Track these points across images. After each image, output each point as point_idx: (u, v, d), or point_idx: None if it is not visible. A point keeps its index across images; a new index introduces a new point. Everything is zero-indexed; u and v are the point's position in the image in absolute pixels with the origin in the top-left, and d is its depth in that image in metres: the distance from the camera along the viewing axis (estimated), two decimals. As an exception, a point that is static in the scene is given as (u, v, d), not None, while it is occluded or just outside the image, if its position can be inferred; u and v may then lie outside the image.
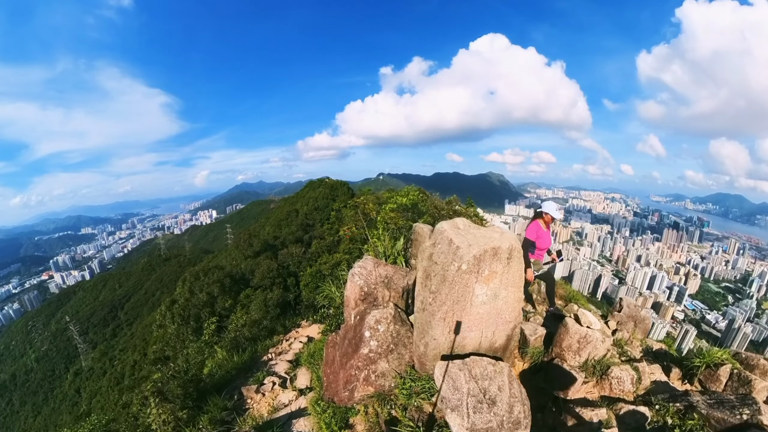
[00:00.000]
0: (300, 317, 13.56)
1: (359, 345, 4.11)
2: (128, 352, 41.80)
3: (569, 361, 4.46)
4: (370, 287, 4.61)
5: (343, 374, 4.17)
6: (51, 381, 59.57)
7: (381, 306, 4.47)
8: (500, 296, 3.70)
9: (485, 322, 3.75)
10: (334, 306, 6.48)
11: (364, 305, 4.53)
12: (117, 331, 64.02)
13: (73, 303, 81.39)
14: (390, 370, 4.05)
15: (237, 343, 9.28)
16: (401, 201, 8.47)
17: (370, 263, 4.94)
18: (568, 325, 4.57)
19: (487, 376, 3.24)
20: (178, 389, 5.45)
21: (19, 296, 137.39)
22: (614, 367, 4.37)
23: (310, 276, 21.42)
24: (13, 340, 76.67)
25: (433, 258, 3.70)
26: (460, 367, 3.30)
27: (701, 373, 4.69)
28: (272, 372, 6.71)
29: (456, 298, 3.56)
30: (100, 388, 40.43)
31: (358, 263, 4.99)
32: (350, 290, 4.74)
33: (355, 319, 4.41)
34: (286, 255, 32.12)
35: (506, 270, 3.63)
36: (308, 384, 5.73)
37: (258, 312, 17.36)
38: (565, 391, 4.19)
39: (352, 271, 4.84)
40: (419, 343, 3.91)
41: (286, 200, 74.47)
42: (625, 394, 4.23)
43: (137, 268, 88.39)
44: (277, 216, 52.49)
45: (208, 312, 22.53)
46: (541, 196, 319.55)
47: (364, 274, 4.76)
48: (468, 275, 3.48)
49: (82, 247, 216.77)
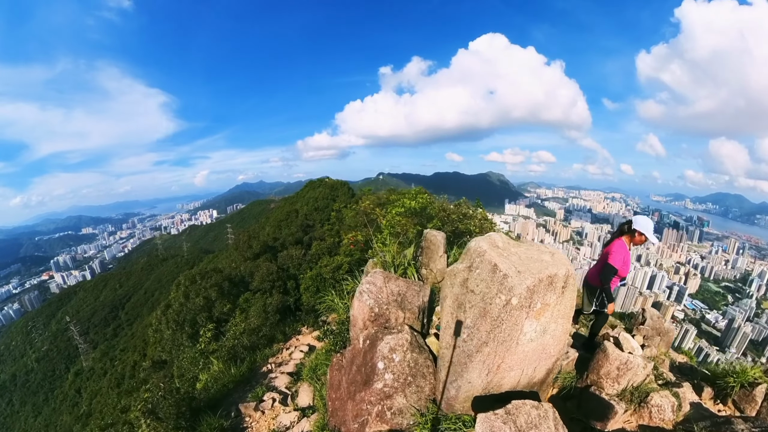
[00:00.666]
0: (300, 323, 13.24)
1: (371, 377, 3.67)
2: (129, 352, 41.81)
3: (607, 389, 4.07)
4: (381, 307, 4.15)
5: (352, 406, 3.76)
6: (51, 381, 59.54)
7: (394, 329, 3.98)
8: (549, 331, 3.21)
9: (529, 360, 3.28)
10: (337, 321, 5.99)
11: (374, 327, 4.10)
12: (118, 331, 64.01)
13: (73, 303, 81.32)
14: (408, 407, 3.55)
15: (234, 353, 8.91)
16: (410, 204, 7.89)
17: (380, 278, 4.47)
18: (608, 350, 4.14)
19: (533, 425, 2.79)
20: (170, 408, 5.21)
21: (20, 296, 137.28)
22: (653, 393, 4.03)
23: (311, 279, 21.26)
24: (13, 341, 76.60)
25: (468, 285, 3.11)
26: (504, 420, 2.79)
27: (735, 393, 4.46)
28: (272, 387, 6.43)
29: (501, 338, 2.99)
30: (101, 388, 40.43)
31: (367, 279, 4.50)
32: (358, 310, 4.27)
33: (364, 343, 4.02)
34: (285, 257, 31.52)
35: (559, 301, 3.11)
36: (311, 402, 5.47)
37: (257, 318, 16.88)
38: (603, 423, 3.85)
39: (360, 288, 4.36)
40: (449, 386, 3.38)
41: (286, 200, 74.41)
42: (665, 423, 3.92)
43: (137, 268, 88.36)
44: (277, 216, 52.37)
45: (205, 317, 22.03)
46: (541, 195, 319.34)
47: (374, 292, 4.25)
48: (518, 311, 2.91)
49: (83, 247, 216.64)
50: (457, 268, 3.34)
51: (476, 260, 3.16)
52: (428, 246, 5.73)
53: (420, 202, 8.19)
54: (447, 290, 3.42)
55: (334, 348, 5.66)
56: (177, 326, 22.47)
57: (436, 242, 5.65)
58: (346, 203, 38.17)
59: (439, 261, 5.73)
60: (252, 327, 12.65)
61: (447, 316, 3.40)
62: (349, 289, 6.50)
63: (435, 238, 5.69)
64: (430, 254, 5.68)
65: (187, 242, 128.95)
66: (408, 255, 5.94)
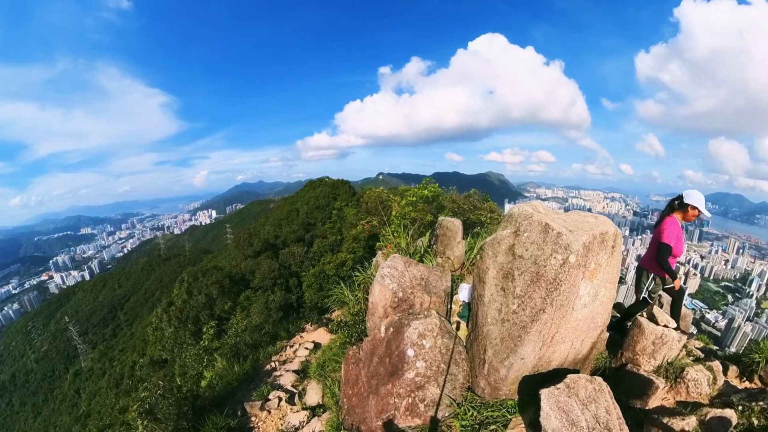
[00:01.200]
0: (304, 320, 13.06)
1: (400, 367, 3.38)
2: (128, 353, 41.60)
3: (643, 365, 3.96)
4: (405, 292, 3.87)
5: (375, 401, 3.44)
6: (51, 382, 59.30)
7: (420, 314, 3.69)
8: (599, 296, 3.08)
9: (580, 330, 3.12)
10: (351, 313, 5.72)
11: (398, 314, 3.80)
12: (117, 332, 63.72)
13: (72, 303, 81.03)
14: (442, 396, 3.30)
15: (237, 350, 8.77)
16: (422, 193, 7.76)
17: (400, 263, 4.27)
18: (642, 325, 4.02)
19: (592, 399, 2.67)
20: (170, 408, 4.98)
21: (19, 297, 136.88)
22: (689, 368, 3.97)
23: (314, 276, 21.19)
24: (12, 341, 76.32)
25: (516, 251, 2.97)
26: (567, 393, 2.66)
27: (762, 369, 4.40)
28: (277, 385, 6.22)
29: (559, 302, 2.80)
30: (100, 388, 40.22)
31: (387, 263, 4.26)
32: (379, 295, 3.97)
33: (387, 331, 3.70)
34: (287, 255, 31.40)
35: (609, 262, 3.00)
36: (320, 401, 5.24)
37: (259, 316, 16.70)
38: (643, 401, 3.71)
39: (382, 272, 4.12)
40: (499, 365, 3.16)
41: (285, 200, 74.16)
42: (702, 398, 3.89)
43: (136, 268, 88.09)
44: (278, 215, 52.19)
45: (207, 314, 21.95)
46: (541, 195, 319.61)
47: (396, 276, 4.01)
48: (576, 270, 2.74)
49: (82, 248, 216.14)
50: (501, 235, 3.14)
51: (523, 223, 2.99)
52: (444, 233, 5.52)
53: (432, 191, 8.05)
54: (488, 261, 3.22)
55: (349, 340, 5.33)
56: (180, 324, 22.35)
57: (453, 229, 5.44)
58: (347, 202, 37.98)
59: (457, 248, 5.49)
60: (254, 324, 12.54)
61: (491, 289, 3.19)
62: (360, 280, 6.29)
63: (452, 225, 5.48)
64: (446, 241, 5.46)
65: (189, 242, 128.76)
66: (423, 242, 5.76)
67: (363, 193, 38.54)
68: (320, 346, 8.21)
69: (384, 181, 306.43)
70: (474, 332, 3.61)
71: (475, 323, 3.61)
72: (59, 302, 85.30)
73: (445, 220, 5.65)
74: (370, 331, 4.06)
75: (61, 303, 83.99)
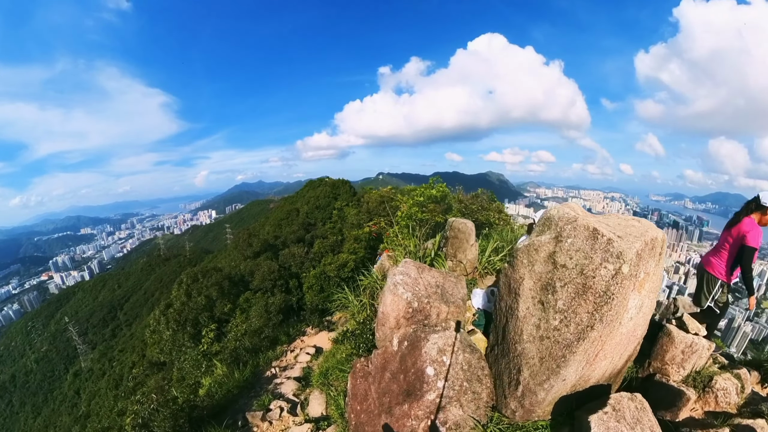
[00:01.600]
0: (304, 323, 12.81)
1: (417, 386, 3.09)
2: (127, 353, 41.46)
3: (672, 375, 3.76)
4: (421, 301, 3.55)
5: (389, 420, 3.19)
6: (50, 382, 59.19)
7: (438, 327, 3.39)
8: (644, 307, 2.83)
9: (622, 345, 2.88)
10: (357, 321, 5.26)
11: (412, 325, 3.50)
12: (116, 332, 63.60)
13: (72, 303, 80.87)
14: (465, 418, 2.99)
15: (237, 356, 8.48)
16: (430, 193, 7.32)
17: (413, 268, 3.96)
18: (672, 333, 3.82)
19: (636, 419, 2.43)
20: (165, 422, 4.75)
21: (19, 297, 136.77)
22: (717, 377, 3.80)
23: (314, 278, 20.82)
24: (12, 341, 76.21)
25: (557, 259, 2.65)
26: (617, 418, 2.40)
27: None
28: (278, 394, 5.94)
29: (609, 318, 2.48)
30: (99, 389, 40.08)
31: (399, 269, 3.92)
32: (392, 305, 3.63)
33: (400, 345, 3.44)
34: (287, 255, 31.13)
35: (656, 270, 2.78)
36: (323, 412, 4.99)
37: (259, 319, 16.41)
38: (673, 413, 3.49)
39: (394, 279, 3.78)
40: (537, 388, 2.82)
41: (285, 200, 73.96)
42: (730, 407, 3.72)
43: (136, 269, 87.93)
44: (277, 215, 51.96)
45: (207, 317, 21.50)
46: (541, 195, 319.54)
47: (409, 284, 3.69)
48: (628, 281, 2.44)
49: (82, 248, 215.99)
50: (539, 241, 2.81)
51: (566, 228, 2.66)
52: (455, 235, 5.23)
53: (440, 191, 7.63)
54: (523, 271, 2.88)
55: (356, 352, 4.91)
56: (178, 326, 21.87)
57: (465, 231, 5.16)
58: (348, 202, 37.75)
59: (470, 251, 5.24)
60: (254, 328, 12.21)
61: (526, 302, 2.85)
62: (366, 284, 5.99)
63: (464, 226, 5.20)
64: (458, 244, 5.17)
65: (189, 242, 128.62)
66: (433, 245, 5.45)
67: (363, 193, 38.42)
68: (322, 351, 7.97)
69: (384, 181, 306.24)
70: (502, 348, 3.29)
71: (503, 338, 3.29)
72: (59, 302, 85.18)
73: (456, 221, 5.37)
74: (380, 341, 3.74)
75: (61, 303, 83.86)
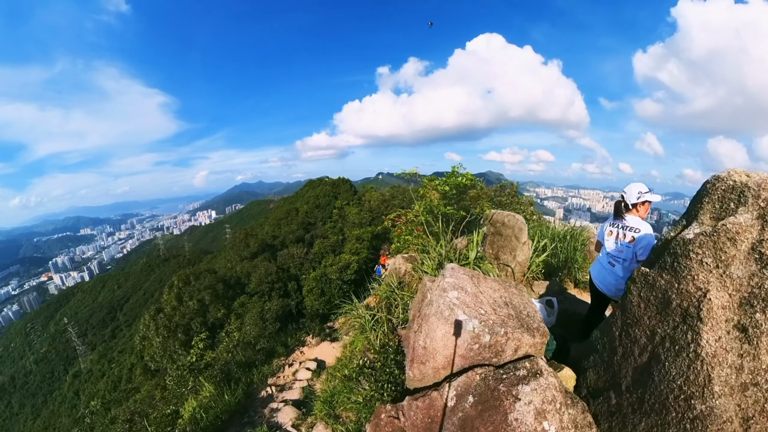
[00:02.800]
0: (304, 332, 11.67)
1: None
2: (127, 354, 41.25)
3: None
4: (494, 333, 2.41)
5: None
6: (50, 383, 58.97)
7: (521, 369, 2.29)
8: None
9: None
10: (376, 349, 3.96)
11: (478, 369, 2.38)
12: (116, 333, 63.43)
13: (72, 304, 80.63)
14: None
15: (228, 372, 7.46)
16: (456, 182, 6.13)
17: (465, 278, 2.89)
18: None
19: None
20: None
21: (19, 298, 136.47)
22: None
23: (315, 281, 19.68)
24: (12, 342, 75.99)
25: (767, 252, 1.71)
26: None
27: None
28: (275, 424, 5.08)
29: None
30: (98, 390, 39.88)
31: (449, 280, 2.85)
32: (445, 339, 2.51)
33: (461, 400, 2.33)
34: (286, 256, 30.12)
35: None
36: None
37: (253, 328, 14.88)
38: None
39: (446, 298, 2.64)
40: None
41: (285, 200, 73.72)
42: None
43: (136, 269, 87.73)
44: (277, 215, 51.60)
45: (200, 322, 20.24)
46: (541, 194, 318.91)
47: (470, 303, 2.60)
48: None
49: (81, 248, 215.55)
50: (737, 224, 1.77)
51: None
52: (499, 231, 4.32)
53: (470, 179, 6.27)
54: (705, 277, 1.82)
55: (379, 396, 3.55)
56: (169, 333, 20.58)
57: (513, 225, 4.23)
58: (349, 201, 37.49)
59: (520, 251, 4.28)
60: (248, 339, 11.07)
61: (716, 329, 1.78)
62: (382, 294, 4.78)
63: (511, 220, 4.30)
64: (503, 242, 4.25)
65: (188, 242, 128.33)
66: (470, 244, 4.25)
67: (365, 192, 38.13)
68: (324, 366, 7.04)
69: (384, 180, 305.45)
70: (629, 398, 2.16)
71: (634, 384, 2.16)
72: (59, 303, 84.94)
73: (500, 214, 4.43)
74: (414, 381, 2.65)
75: (61, 304, 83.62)
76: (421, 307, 2.93)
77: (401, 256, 4.91)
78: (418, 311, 2.97)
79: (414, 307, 3.23)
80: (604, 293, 3.62)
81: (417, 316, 2.92)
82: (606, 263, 3.60)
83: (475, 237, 4.25)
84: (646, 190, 3.41)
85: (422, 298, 3.03)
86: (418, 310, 3.00)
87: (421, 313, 2.83)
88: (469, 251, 4.18)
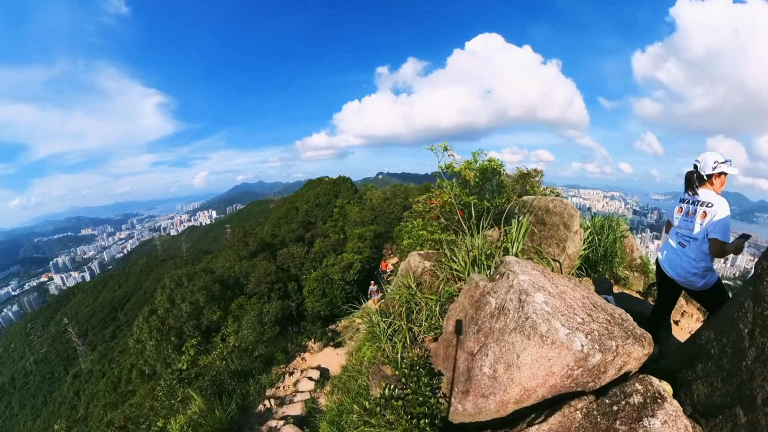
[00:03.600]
0: (305, 336, 11.02)
1: None
2: (127, 355, 41.16)
3: None
4: (604, 348, 1.73)
5: None
6: (50, 384, 58.90)
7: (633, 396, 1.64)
8: None
9: None
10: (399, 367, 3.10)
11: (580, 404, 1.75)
12: (116, 333, 63.38)
13: (72, 304, 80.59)
14: None
15: (221, 383, 6.77)
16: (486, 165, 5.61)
17: (539, 275, 2.21)
18: None
19: None
20: None
21: (19, 298, 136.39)
22: None
23: (316, 281, 18.90)
24: (12, 343, 75.90)
25: None
26: None
27: None
28: None
29: None
30: (98, 391, 39.81)
31: (523, 278, 2.09)
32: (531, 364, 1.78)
33: None
34: (285, 255, 29.12)
35: None
36: None
37: (251, 332, 13.86)
38: None
39: (536, 306, 1.87)
40: None
41: (285, 200, 73.67)
42: None
43: (135, 269, 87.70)
44: (277, 215, 51.44)
45: (193, 326, 19.36)
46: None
47: (563, 310, 1.87)
48: None
49: (82, 249, 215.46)
50: None
51: None
52: (542, 220, 3.78)
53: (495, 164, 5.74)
54: None
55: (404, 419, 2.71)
56: (161, 336, 19.61)
57: (562, 212, 3.66)
58: (350, 199, 37.33)
59: (570, 242, 3.68)
60: (244, 346, 10.11)
61: None
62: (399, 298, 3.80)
63: (559, 207, 3.73)
64: (547, 232, 3.73)
65: (186, 243, 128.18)
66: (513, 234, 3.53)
67: (366, 190, 38.01)
68: (328, 376, 6.49)
69: (384, 180, 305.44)
70: None
71: None
72: (59, 303, 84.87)
73: (542, 200, 3.84)
74: (461, 415, 2.15)
75: (61, 304, 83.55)
76: (484, 320, 2.14)
77: (417, 253, 4.26)
78: (473, 324, 2.21)
79: (455, 316, 2.47)
80: (675, 280, 3.18)
81: (473, 332, 2.19)
82: (676, 244, 3.18)
83: (524, 223, 3.52)
84: (723, 160, 2.97)
85: (478, 305, 2.24)
86: (473, 322, 2.23)
87: (490, 328, 2.06)
88: (509, 244, 3.46)
